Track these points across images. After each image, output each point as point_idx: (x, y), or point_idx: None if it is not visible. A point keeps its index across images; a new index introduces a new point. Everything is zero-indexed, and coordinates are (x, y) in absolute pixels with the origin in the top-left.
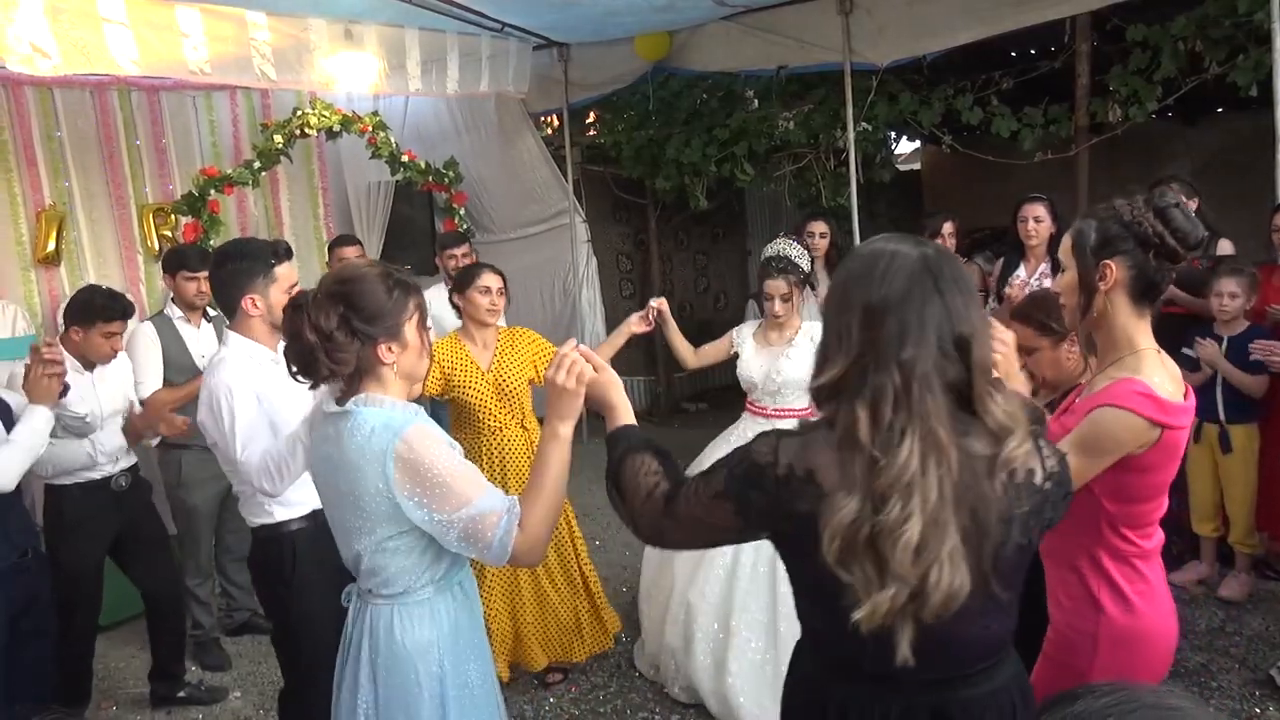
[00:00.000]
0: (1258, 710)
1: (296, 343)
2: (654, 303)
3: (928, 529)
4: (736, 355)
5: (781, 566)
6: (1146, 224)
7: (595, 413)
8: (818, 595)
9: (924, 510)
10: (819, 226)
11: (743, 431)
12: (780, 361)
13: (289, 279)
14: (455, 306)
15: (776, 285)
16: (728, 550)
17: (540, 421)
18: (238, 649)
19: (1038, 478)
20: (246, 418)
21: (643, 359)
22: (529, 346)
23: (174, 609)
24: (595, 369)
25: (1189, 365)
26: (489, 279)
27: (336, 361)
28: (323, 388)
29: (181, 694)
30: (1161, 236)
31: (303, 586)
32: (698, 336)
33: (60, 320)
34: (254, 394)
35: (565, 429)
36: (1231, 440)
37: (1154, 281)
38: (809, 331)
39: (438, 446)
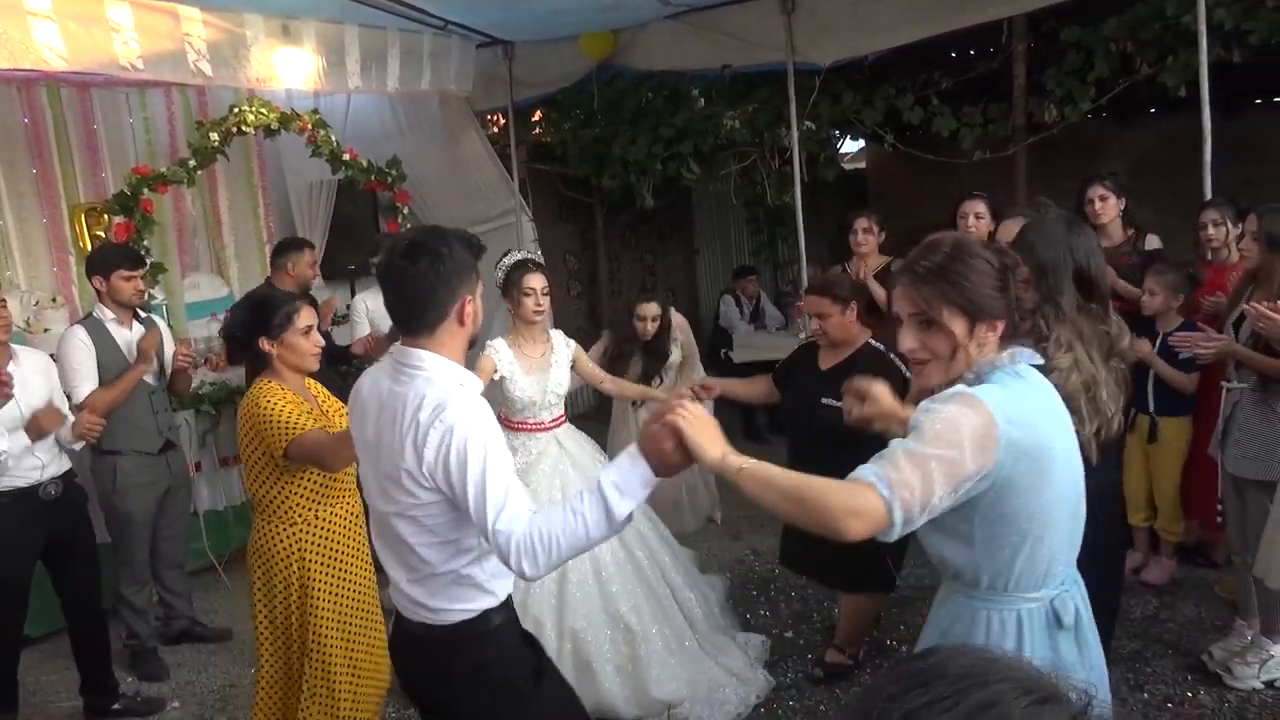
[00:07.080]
0: (1189, 694)
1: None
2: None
3: None
4: (502, 379)
5: (641, 548)
6: None
7: None
8: None
9: None
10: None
11: (544, 448)
12: (553, 372)
13: (309, 319)
14: (266, 354)
15: (538, 278)
16: (585, 560)
17: None
18: (176, 658)
19: None
20: (505, 469)
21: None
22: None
23: (95, 621)
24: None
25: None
26: (308, 316)
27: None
28: None
29: (116, 706)
30: None
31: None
32: None
33: None
34: (501, 436)
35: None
36: (1160, 432)
37: None
38: (561, 340)
39: None
